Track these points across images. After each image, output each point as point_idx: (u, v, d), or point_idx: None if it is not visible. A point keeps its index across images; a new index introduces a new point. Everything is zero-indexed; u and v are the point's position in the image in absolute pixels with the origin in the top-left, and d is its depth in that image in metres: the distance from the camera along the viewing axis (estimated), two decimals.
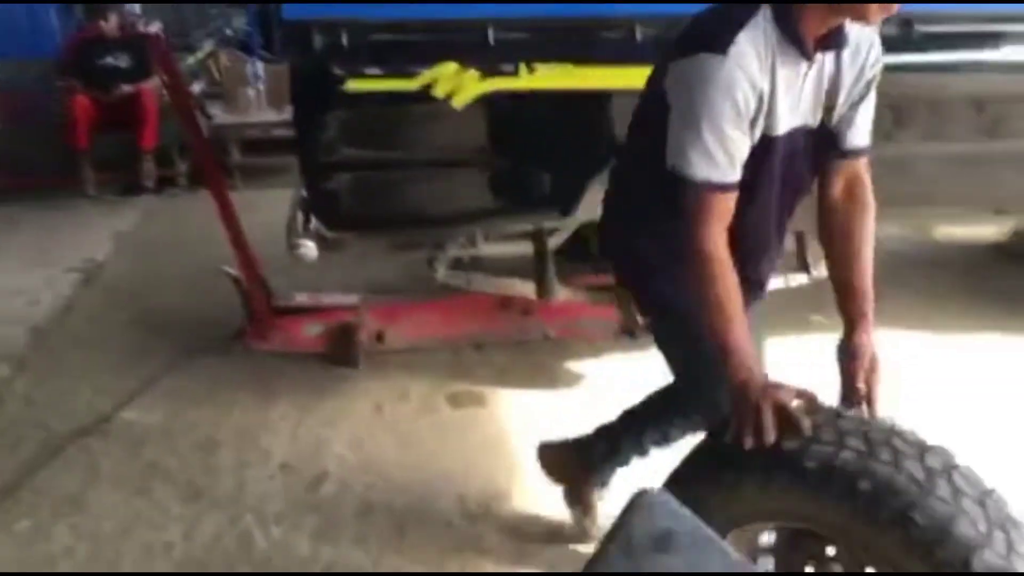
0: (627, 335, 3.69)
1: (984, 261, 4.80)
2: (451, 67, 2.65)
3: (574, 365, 3.68)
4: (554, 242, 3.30)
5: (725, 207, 1.70)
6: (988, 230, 4.82)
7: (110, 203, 6.41)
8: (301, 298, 3.72)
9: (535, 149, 2.86)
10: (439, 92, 2.67)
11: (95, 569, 2.48)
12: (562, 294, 3.25)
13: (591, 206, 3.11)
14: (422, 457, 3.04)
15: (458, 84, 2.67)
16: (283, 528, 2.66)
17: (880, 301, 1.87)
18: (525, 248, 3.32)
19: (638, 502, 0.37)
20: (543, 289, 3.20)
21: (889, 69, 1.90)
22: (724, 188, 1.68)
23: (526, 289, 3.31)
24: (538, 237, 3.19)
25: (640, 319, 3.19)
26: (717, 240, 1.69)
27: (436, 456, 3.04)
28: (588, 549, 2.47)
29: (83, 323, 4.31)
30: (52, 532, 2.66)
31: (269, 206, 4.08)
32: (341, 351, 3.64)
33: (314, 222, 3.00)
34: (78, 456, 3.07)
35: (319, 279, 3.92)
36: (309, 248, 2.96)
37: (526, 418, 3.24)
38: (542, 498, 2.73)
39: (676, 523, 0.37)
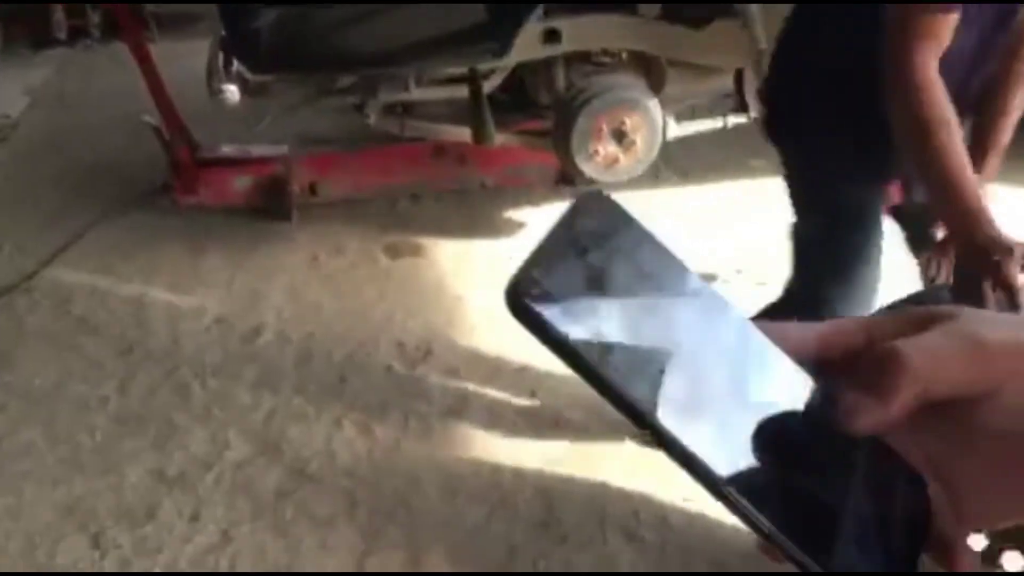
0: (566, 183, 3.66)
1: None
2: None
3: (513, 213, 3.64)
4: (489, 85, 3.20)
5: (943, 28, 1.42)
6: None
7: (21, 56, 6.06)
8: (227, 150, 3.59)
9: None
10: None
11: (29, 425, 2.44)
12: (499, 140, 3.18)
13: (527, 46, 3.02)
14: (360, 306, 3.01)
15: None
16: (221, 379, 2.64)
17: None
18: (460, 92, 3.21)
19: (581, 203, 0.34)
20: (479, 134, 3.12)
21: None
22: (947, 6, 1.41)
23: (462, 134, 3.23)
24: (473, 80, 3.08)
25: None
26: (931, 64, 1.41)
27: (374, 305, 3.02)
28: (525, 401, 2.51)
29: (2, 182, 4.12)
30: None
31: (189, 56, 3.87)
32: (273, 204, 3.54)
33: (235, 64, 2.86)
34: (3, 315, 2.98)
35: (247, 132, 3.78)
36: (231, 92, 2.83)
37: (465, 265, 3.22)
38: (482, 341, 2.74)
39: (621, 224, 0.34)
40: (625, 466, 2.22)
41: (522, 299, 0.32)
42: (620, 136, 3.11)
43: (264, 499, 2.18)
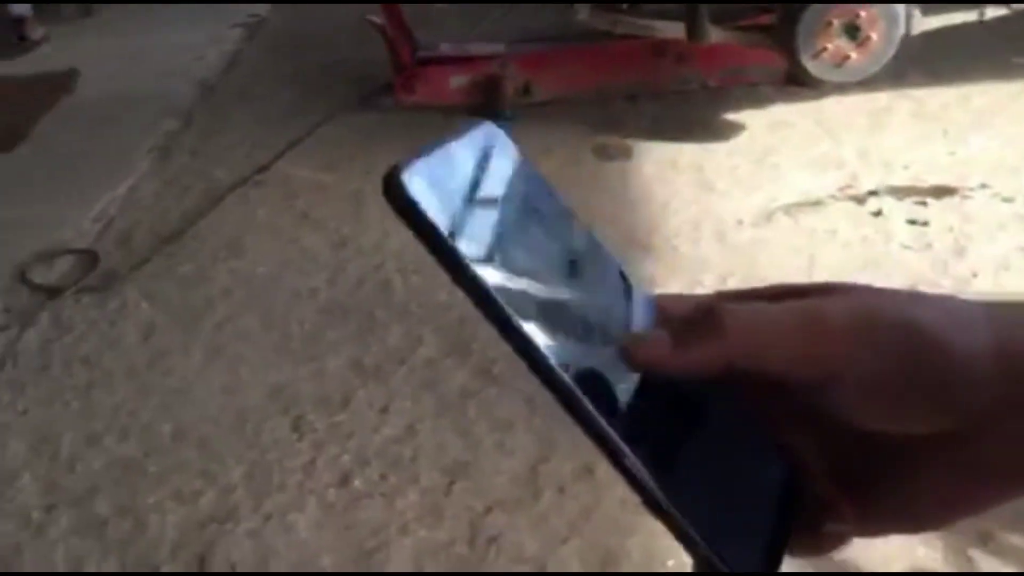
0: (795, 83, 3.40)
1: None
2: None
3: (733, 116, 3.44)
4: None
5: None
6: None
7: None
8: (446, 48, 3.61)
9: None
10: None
11: (249, 311, 2.63)
12: (716, 36, 2.98)
13: None
14: None
15: None
16: (422, 277, 2.71)
17: None
18: None
19: (472, 126, 0.33)
20: (694, 31, 2.94)
21: None
22: None
23: (676, 31, 3.06)
24: None
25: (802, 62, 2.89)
26: None
27: (576, 208, 2.96)
28: None
29: (247, 78, 4.40)
30: (212, 275, 2.82)
31: None
32: (488, 103, 3.55)
33: None
34: (237, 205, 3.21)
35: (468, 30, 3.79)
36: None
37: (674, 172, 3.10)
38: (681, 253, 2.64)
39: (502, 151, 0.33)
40: None
41: (400, 187, 0.32)
42: (853, 31, 2.83)
43: (449, 397, 2.24)
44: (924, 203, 2.77)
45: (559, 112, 3.51)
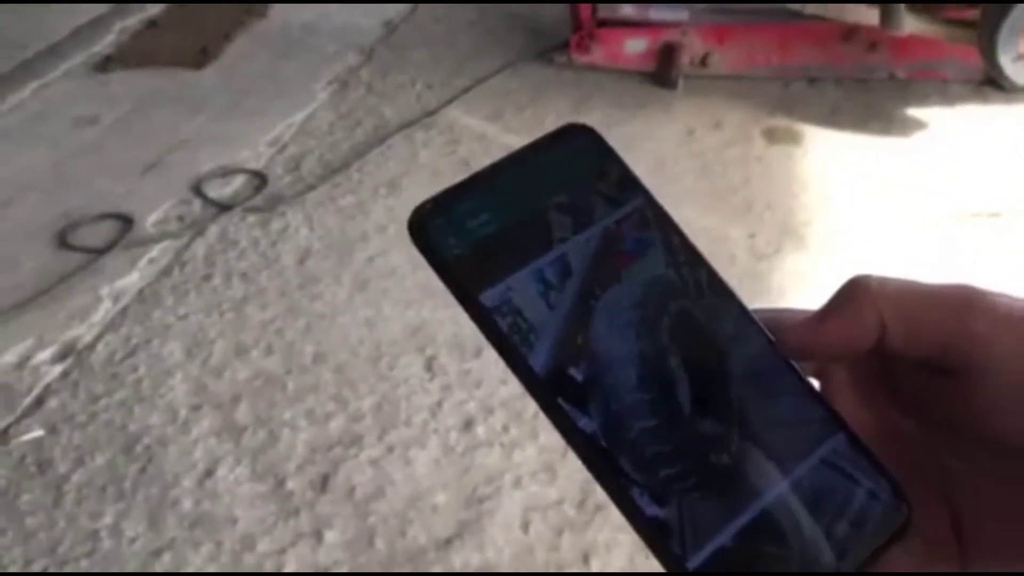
0: (993, 85, 3.19)
1: None
2: None
3: (917, 112, 3.27)
4: None
5: None
6: None
7: None
8: (627, 10, 3.57)
9: None
10: None
11: (399, 249, 2.72)
12: (911, 26, 2.82)
13: None
14: (721, 188, 2.92)
15: None
16: None
17: None
18: None
19: (561, 133, 0.30)
20: (888, 19, 2.80)
21: None
22: None
23: (869, 16, 2.91)
24: None
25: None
26: None
27: (737, 189, 2.91)
28: None
29: (428, 21, 4.48)
30: (370, 210, 2.92)
31: None
32: (662, 71, 3.50)
33: None
34: (403, 145, 3.30)
35: None
36: None
37: (843, 163, 2.98)
38: (834, 250, 2.55)
39: (602, 167, 0.30)
40: None
41: (424, 224, 0.30)
42: None
43: None
44: None
45: (736, 87, 3.43)
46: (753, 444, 0.30)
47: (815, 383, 0.33)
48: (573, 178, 0.31)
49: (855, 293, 0.31)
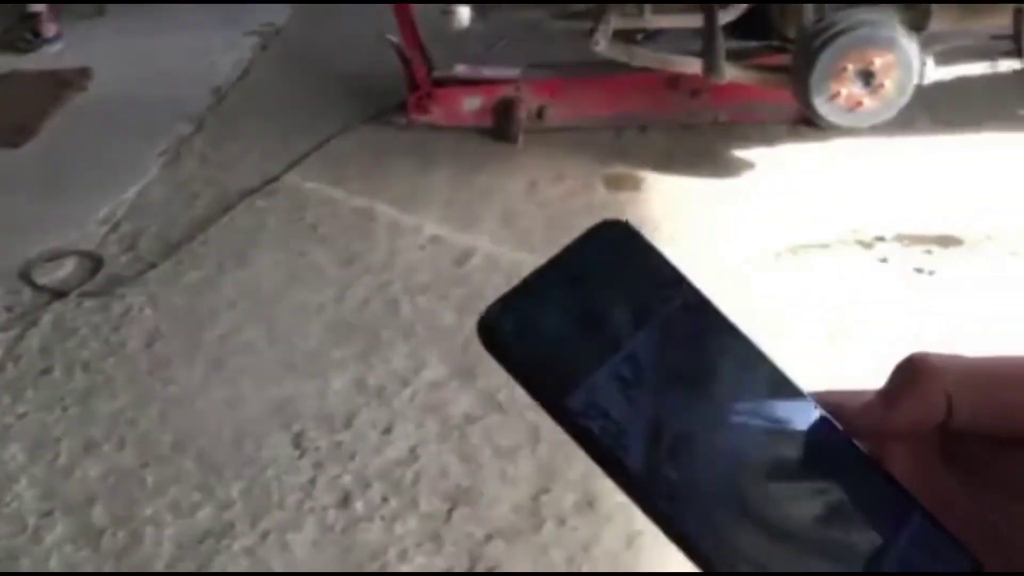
0: (806, 124, 3.42)
1: None
2: None
3: (742, 153, 3.46)
4: (730, 15, 3.01)
5: None
6: None
7: None
8: (461, 70, 3.63)
9: None
10: None
11: (253, 324, 2.63)
12: (731, 74, 3.00)
13: None
14: (571, 237, 2.98)
15: None
16: (429, 298, 2.72)
17: None
18: (694, 21, 3.05)
19: (596, 231, 0.31)
20: (710, 68, 2.96)
21: None
22: None
23: (692, 66, 3.07)
24: (708, 10, 2.91)
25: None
26: None
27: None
28: None
29: (259, 86, 4.41)
30: (219, 284, 2.82)
31: None
32: (500, 126, 3.56)
33: None
34: (246, 214, 3.21)
35: (484, 52, 3.81)
36: (462, 14, 2.83)
37: (682, 206, 3.11)
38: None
39: (644, 260, 0.31)
40: None
41: (494, 329, 0.30)
42: (867, 77, 2.85)
43: (452, 421, 2.24)
44: (930, 252, 2.78)
45: (573, 139, 3.53)
46: (839, 530, 0.31)
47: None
48: (620, 274, 0.31)
49: (919, 373, 0.31)
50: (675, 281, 0.32)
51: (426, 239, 3.02)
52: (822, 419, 0.32)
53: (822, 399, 0.33)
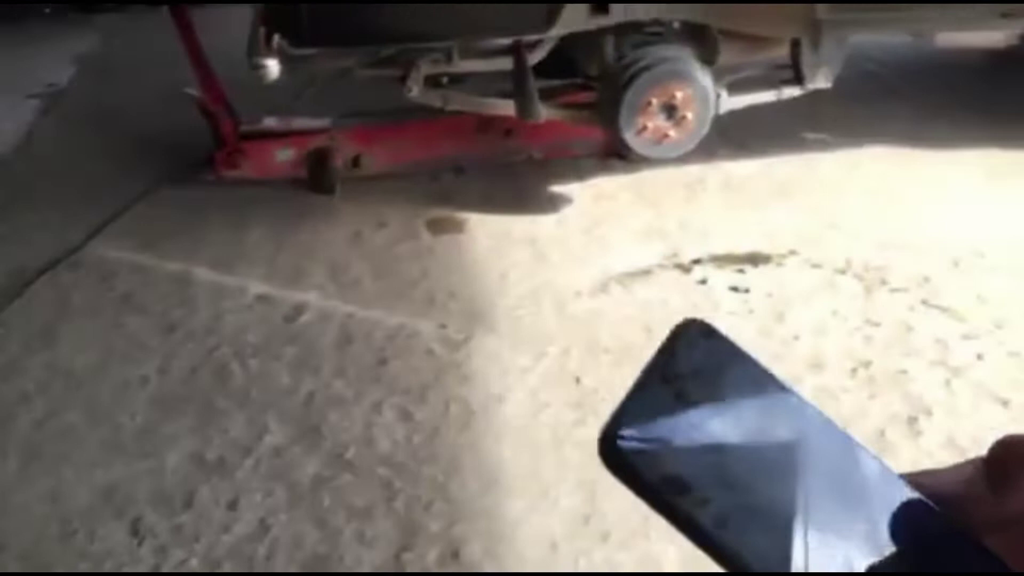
0: (617, 156, 3.56)
1: (983, 68, 4.61)
2: None
3: (559, 188, 3.56)
4: (535, 57, 3.10)
5: None
6: (992, 36, 4.59)
7: (69, 21, 6.08)
8: (270, 122, 3.55)
9: None
10: None
11: (70, 406, 2.44)
12: (544, 114, 3.08)
13: (573, 17, 2.91)
14: (401, 285, 2.96)
15: None
16: (261, 359, 2.61)
17: (872, 112, 1.74)
18: (504, 64, 3.12)
19: (681, 332, 0.31)
20: (524, 109, 3.03)
21: None
22: None
23: (506, 108, 3.14)
24: (518, 52, 2.99)
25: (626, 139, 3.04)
26: None
27: (416, 284, 2.97)
28: (570, 387, 2.44)
29: (48, 152, 4.14)
30: (26, 367, 2.60)
31: (236, 24, 3.83)
32: (316, 177, 3.50)
33: (276, 38, 2.80)
34: (48, 289, 2.99)
35: (292, 103, 3.74)
36: (271, 67, 2.77)
37: (508, 243, 3.16)
38: (525, 323, 2.68)
39: (725, 358, 0.31)
40: None
41: (616, 449, 0.30)
42: (670, 110, 3.01)
43: (302, 487, 2.16)
44: (743, 271, 2.95)
45: (392, 185, 3.52)
46: None
47: None
48: (713, 374, 0.31)
49: (1008, 462, 0.32)
50: (762, 376, 0.33)
51: (252, 299, 2.91)
52: (924, 507, 0.32)
53: (912, 480, 0.33)
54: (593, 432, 0.31)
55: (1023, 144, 3.68)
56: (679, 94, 2.98)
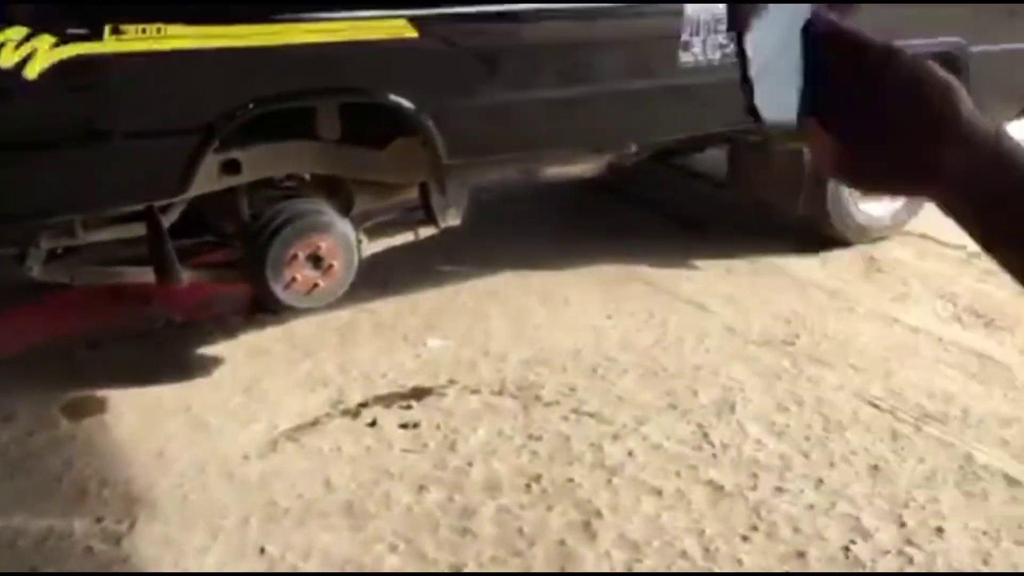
0: (264, 311, 3.50)
1: (583, 196, 5.21)
2: (20, 31, 2.28)
3: (208, 349, 3.42)
4: (167, 220, 3.00)
5: None
6: (589, 167, 5.18)
7: None
8: None
9: (140, 121, 2.57)
10: (5, 60, 2.29)
11: None
12: (186, 276, 2.97)
13: (205, 179, 2.87)
14: (44, 481, 2.65)
15: (31, 50, 2.30)
16: None
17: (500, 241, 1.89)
18: (136, 231, 2.99)
19: None
20: (164, 274, 2.91)
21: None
22: None
23: (143, 275, 2.99)
24: (151, 216, 2.88)
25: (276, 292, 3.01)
26: None
27: (60, 477, 2.67)
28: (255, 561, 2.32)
29: None
30: None
31: None
32: None
33: None
34: None
35: None
36: None
37: (158, 416, 2.96)
38: (192, 499, 2.52)
39: None
40: None
41: None
42: (317, 260, 3.05)
43: None
44: (409, 406, 3.02)
45: (17, 371, 3.16)
46: None
47: None
48: None
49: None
50: None
51: None
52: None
53: None
54: None
55: (623, 256, 4.17)
56: (323, 244, 3.03)
